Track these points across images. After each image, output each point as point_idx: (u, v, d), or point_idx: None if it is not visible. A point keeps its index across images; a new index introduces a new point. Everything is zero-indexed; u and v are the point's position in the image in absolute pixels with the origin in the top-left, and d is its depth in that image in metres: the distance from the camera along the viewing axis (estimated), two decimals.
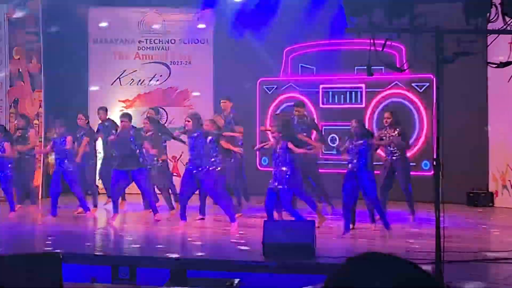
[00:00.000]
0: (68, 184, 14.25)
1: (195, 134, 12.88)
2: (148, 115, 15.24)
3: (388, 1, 8.21)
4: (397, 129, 13.32)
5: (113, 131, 14.78)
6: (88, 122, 15.51)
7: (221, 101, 15.26)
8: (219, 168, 12.92)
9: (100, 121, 15.94)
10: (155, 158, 14.32)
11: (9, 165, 14.46)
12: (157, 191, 14.81)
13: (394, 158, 13.23)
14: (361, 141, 11.77)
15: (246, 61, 18.22)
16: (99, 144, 16.31)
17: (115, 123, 15.39)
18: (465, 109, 15.87)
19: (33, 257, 4.29)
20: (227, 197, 13.22)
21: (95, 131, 15.77)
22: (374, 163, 12.32)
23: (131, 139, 13.45)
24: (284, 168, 12.19)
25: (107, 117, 15.91)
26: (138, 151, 13.50)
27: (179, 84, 19.41)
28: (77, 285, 7.81)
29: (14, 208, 14.41)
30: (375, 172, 12.11)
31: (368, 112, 17.46)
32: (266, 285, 9.20)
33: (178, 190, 14.40)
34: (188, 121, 13.10)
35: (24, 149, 15.13)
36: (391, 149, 13.20)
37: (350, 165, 11.85)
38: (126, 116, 13.94)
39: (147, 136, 13.95)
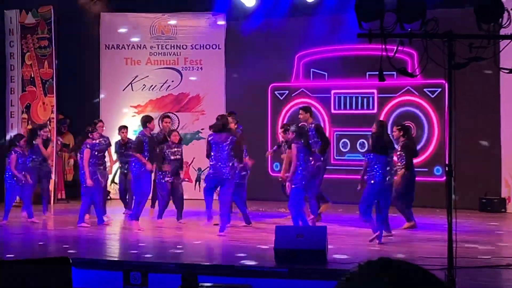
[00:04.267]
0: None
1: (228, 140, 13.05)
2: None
3: (400, 6, 8.19)
4: (401, 142, 13.19)
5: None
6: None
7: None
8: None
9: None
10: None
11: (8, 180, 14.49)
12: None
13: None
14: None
15: (258, 66, 18.23)
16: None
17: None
18: (477, 114, 15.84)
19: (42, 262, 4.29)
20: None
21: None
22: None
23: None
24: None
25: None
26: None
27: (191, 90, 19.43)
28: None
29: (33, 215, 14.44)
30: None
31: (382, 117, 17.43)
32: None
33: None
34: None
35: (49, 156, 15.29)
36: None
37: (388, 178, 11.72)
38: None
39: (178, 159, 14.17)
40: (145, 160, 13.44)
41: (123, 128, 15.89)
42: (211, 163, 12.95)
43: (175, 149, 14.22)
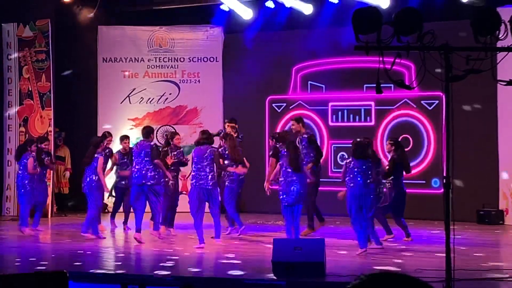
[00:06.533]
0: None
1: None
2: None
3: (397, 19, 8.21)
4: (391, 156, 13.42)
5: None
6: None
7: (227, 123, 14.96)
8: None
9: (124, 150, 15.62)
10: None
11: (26, 181, 14.40)
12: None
13: None
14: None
15: (255, 78, 18.26)
16: None
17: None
18: (474, 126, 15.84)
19: (40, 276, 4.29)
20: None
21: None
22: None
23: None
24: (293, 187, 12.40)
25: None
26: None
27: (189, 102, 19.44)
28: None
29: (27, 224, 14.35)
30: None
31: (380, 130, 17.43)
32: None
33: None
34: None
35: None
36: None
37: (369, 182, 11.92)
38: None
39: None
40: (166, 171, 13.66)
41: (125, 139, 15.71)
42: (193, 173, 13.03)
43: (176, 152, 14.25)
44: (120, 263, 11.75)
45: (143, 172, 13.23)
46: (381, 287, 1.86)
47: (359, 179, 11.72)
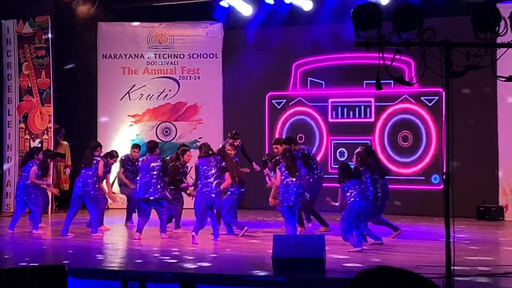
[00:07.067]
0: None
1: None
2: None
3: (397, 15, 8.21)
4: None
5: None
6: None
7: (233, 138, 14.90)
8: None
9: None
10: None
11: (31, 189, 14.38)
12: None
13: None
14: None
15: (255, 75, 18.25)
16: None
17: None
18: (474, 123, 15.83)
19: (38, 270, 4.30)
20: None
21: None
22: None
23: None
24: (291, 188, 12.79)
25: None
26: None
27: (188, 99, 19.42)
28: None
29: (38, 226, 14.37)
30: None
31: (380, 126, 17.42)
32: None
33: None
34: None
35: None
36: None
37: (367, 195, 12.12)
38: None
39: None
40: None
41: (136, 148, 15.67)
42: (198, 182, 13.15)
43: (182, 170, 14.35)
44: (120, 259, 11.75)
45: (147, 185, 13.44)
46: (381, 283, 1.85)
47: (355, 193, 11.70)
